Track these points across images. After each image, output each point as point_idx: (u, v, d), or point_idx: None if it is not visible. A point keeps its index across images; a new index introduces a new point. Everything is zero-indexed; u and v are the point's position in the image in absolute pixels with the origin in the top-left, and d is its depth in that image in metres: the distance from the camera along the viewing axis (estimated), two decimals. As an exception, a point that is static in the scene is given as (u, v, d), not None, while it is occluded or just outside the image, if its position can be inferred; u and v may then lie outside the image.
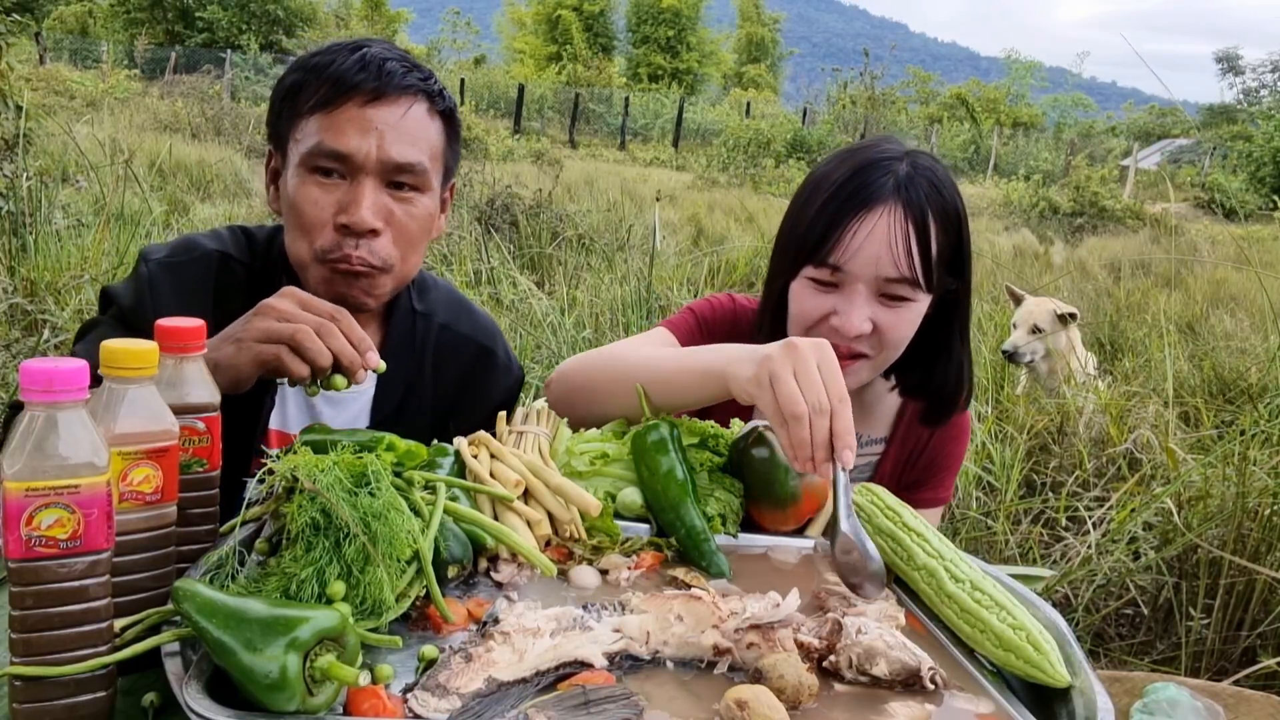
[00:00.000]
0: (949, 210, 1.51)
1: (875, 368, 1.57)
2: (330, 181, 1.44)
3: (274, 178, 1.55)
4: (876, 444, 1.75)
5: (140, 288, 1.50)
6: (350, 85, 1.43)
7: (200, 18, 36.18)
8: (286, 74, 1.52)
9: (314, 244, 1.45)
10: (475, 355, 1.71)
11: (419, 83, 1.48)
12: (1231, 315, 7.05)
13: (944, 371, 1.63)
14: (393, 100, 1.45)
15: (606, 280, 5.96)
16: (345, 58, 1.45)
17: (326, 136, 1.43)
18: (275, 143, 1.54)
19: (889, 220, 1.46)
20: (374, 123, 1.43)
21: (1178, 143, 36.45)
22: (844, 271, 1.49)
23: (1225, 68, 45.58)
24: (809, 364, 1.16)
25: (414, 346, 1.65)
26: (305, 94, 1.46)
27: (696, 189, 15.23)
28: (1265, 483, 2.74)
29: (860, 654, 0.98)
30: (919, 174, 1.50)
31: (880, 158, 1.52)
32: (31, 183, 4.99)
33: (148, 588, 0.97)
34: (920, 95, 44.62)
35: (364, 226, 1.43)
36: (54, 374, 0.83)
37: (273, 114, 1.53)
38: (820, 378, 1.15)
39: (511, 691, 0.89)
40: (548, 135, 29.44)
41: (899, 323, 1.51)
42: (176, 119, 14.75)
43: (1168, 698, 1.06)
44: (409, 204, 1.48)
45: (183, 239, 1.59)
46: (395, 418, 1.63)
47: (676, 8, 50.63)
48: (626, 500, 1.30)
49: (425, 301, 1.68)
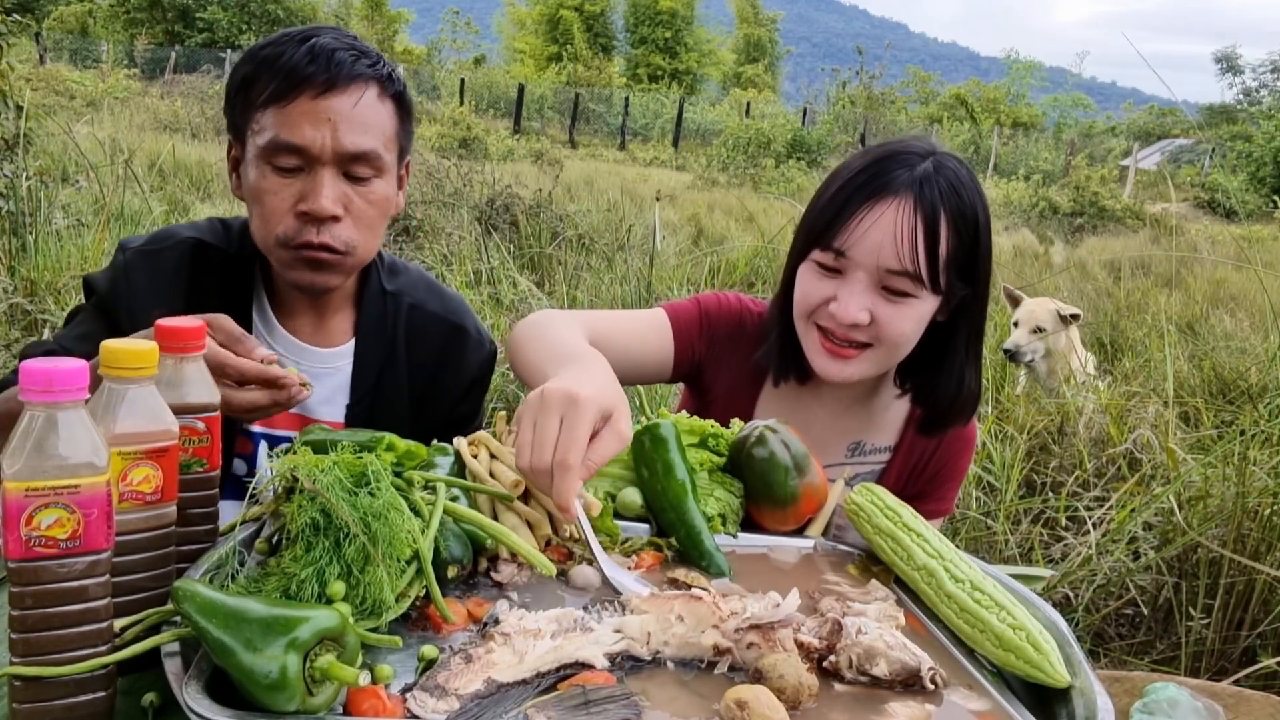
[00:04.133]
0: (966, 213, 1.48)
1: (876, 363, 1.54)
2: (288, 171, 1.48)
3: (235, 165, 1.60)
4: (881, 452, 1.72)
5: (116, 275, 1.57)
6: (302, 78, 1.46)
7: (200, 18, 36.19)
8: (239, 65, 1.55)
9: (275, 230, 1.50)
10: (447, 333, 1.75)
11: (368, 70, 1.51)
12: (1231, 315, 7.05)
13: (945, 381, 1.60)
14: (344, 90, 1.48)
15: (606, 280, 5.96)
16: (295, 49, 1.48)
17: (282, 130, 1.46)
18: (233, 133, 1.57)
19: (897, 212, 1.46)
20: (326, 114, 1.47)
21: (1178, 143, 36.45)
22: (847, 257, 1.49)
23: (1224, 68, 45.59)
24: (549, 420, 1.07)
25: (386, 326, 1.70)
26: (258, 87, 1.49)
27: (696, 189, 15.23)
28: (1265, 483, 2.74)
29: (860, 654, 0.98)
30: (940, 174, 1.48)
31: (904, 151, 1.51)
32: (31, 183, 4.99)
33: (148, 588, 0.97)
34: (920, 95, 44.62)
35: (324, 214, 1.48)
36: (54, 374, 0.83)
37: (228, 105, 1.57)
38: (555, 435, 1.07)
39: (511, 693, 0.89)
40: (548, 135, 29.45)
41: (897, 318, 1.49)
42: (176, 119, 14.76)
43: (1168, 698, 1.06)
44: (366, 189, 1.52)
45: (162, 229, 1.66)
46: (374, 395, 1.68)
47: (673, 9, 50.64)
48: (626, 500, 1.30)
49: (395, 282, 1.73)
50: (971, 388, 1.62)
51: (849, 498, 1.30)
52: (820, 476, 1.37)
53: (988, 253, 1.53)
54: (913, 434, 1.71)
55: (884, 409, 1.71)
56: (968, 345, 1.60)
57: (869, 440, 1.71)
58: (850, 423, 1.70)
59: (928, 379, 1.62)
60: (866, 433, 1.70)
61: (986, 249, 1.53)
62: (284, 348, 1.64)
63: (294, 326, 1.66)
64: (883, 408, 1.71)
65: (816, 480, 1.35)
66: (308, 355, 1.65)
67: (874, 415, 1.71)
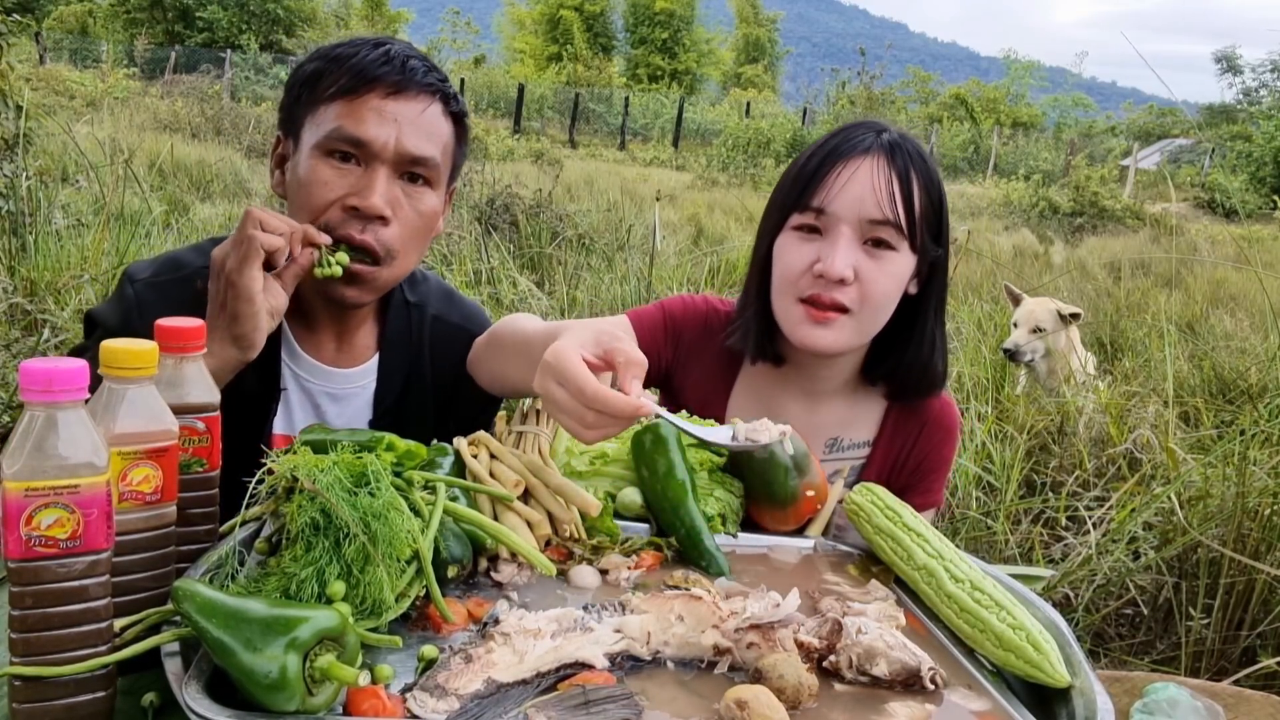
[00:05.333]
0: (932, 177, 1.56)
1: (857, 328, 1.54)
2: (345, 166, 1.47)
3: (280, 162, 1.58)
4: (860, 447, 1.71)
5: (127, 308, 1.50)
6: (374, 76, 1.46)
7: (200, 17, 36.17)
8: (305, 62, 1.54)
9: (317, 220, 1.46)
10: (469, 344, 1.73)
11: (438, 83, 1.52)
12: (1231, 315, 7.05)
13: (915, 349, 1.62)
14: (413, 96, 1.48)
15: (606, 280, 5.96)
16: (369, 51, 1.49)
17: (346, 122, 1.45)
18: (287, 128, 1.56)
19: (872, 165, 1.51)
20: (394, 114, 1.46)
21: (1178, 143, 36.43)
22: (828, 214, 1.51)
23: (1224, 68, 45.59)
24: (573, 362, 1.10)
25: (410, 338, 1.69)
26: (326, 81, 1.48)
27: (696, 189, 15.23)
28: (1265, 483, 2.74)
29: (860, 654, 0.98)
30: (905, 141, 1.57)
31: (866, 122, 1.60)
32: (31, 183, 4.99)
33: (148, 588, 0.97)
34: (920, 95, 44.60)
35: (375, 211, 1.45)
36: (54, 374, 0.83)
37: (289, 98, 1.55)
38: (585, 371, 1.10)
39: (511, 693, 0.89)
40: (548, 135, 29.43)
41: (881, 275, 1.51)
42: (176, 119, 14.75)
43: (1168, 698, 1.06)
44: (418, 197, 1.52)
45: (166, 257, 1.60)
46: (397, 410, 1.65)
47: (673, 9, 50.64)
48: (626, 500, 1.30)
49: (416, 293, 1.72)
50: (940, 355, 1.65)
51: (849, 498, 1.31)
52: (820, 476, 1.37)
53: (948, 223, 1.61)
54: (891, 427, 1.71)
55: (859, 403, 1.71)
56: (936, 313, 1.64)
57: (846, 436, 1.71)
58: (827, 418, 1.69)
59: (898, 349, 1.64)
60: (843, 428, 1.70)
61: (947, 219, 1.61)
62: (308, 373, 1.61)
63: (317, 347, 1.62)
64: (858, 402, 1.71)
65: (816, 480, 1.35)
66: (333, 379, 1.62)
67: (850, 410, 1.71)
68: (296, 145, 1.52)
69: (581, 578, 1.15)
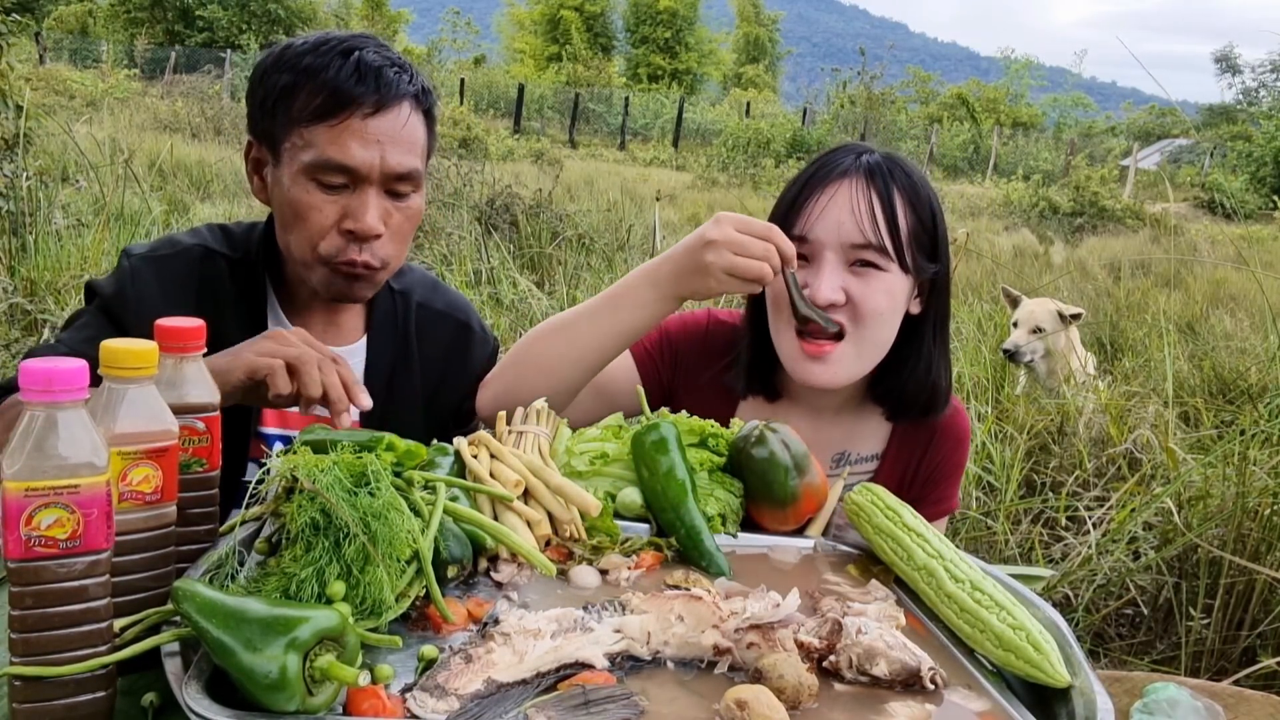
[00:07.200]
0: (919, 192, 1.54)
1: (858, 351, 1.53)
2: (334, 191, 1.49)
3: (256, 167, 1.58)
4: (868, 460, 1.69)
5: (122, 279, 1.55)
6: (351, 98, 1.46)
7: (200, 17, 36.18)
8: (275, 70, 1.51)
9: (317, 247, 1.51)
10: (454, 330, 1.78)
11: (408, 86, 1.53)
12: (1231, 315, 7.05)
13: (913, 366, 1.60)
14: (392, 110, 1.49)
15: (606, 280, 5.96)
16: (340, 63, 1.47)
17: (331, 150, 1.46)
18: (262, 137, 1.55)
19: (851, 189, 1.51)
20: (376, 135, 1.48)
21: (1177, 143, 36.44)
22: (809, 241, 1.51)
23: (1223, 68, 45.58)
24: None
25: (396, 325, 1.72)
26: (301, 99, 1.47)
27: (696, 189, 15.24)
28: (1265, 483, 2.74)
29: (860, 654, 0.98)
30: (887, 160, 1.56)
31: (847, 146, 1.60)
32: (31, 182, 4.99)
33: (148, 588, 0.97)
34: (920, 95, 44.60)
35: (371, 233, 1.50)
36: (53, 374, 0.83)
37: (258, 106, 1.54)
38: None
39: (511, 693, 0.89)
40: (548, 135, 29.44)
41: (871, 292, 1.50)
42: (176, 119, 14.76)
43: (1168, 698, 1.06)
44: (405, 204, 1.55)
45: (163, 237, 1.65)
46: (386, 395, 1.67)
47: (673, 9, 50.64)
48: (626, 500, 1.30)
49: (401, 281, 1.75)
50: (941, 374, 1.62)
51: (849, 498, 1.30)
52: (820, 476, 1.37)
53: (945, 240, 1.59)
54: (900, 439, 1.68)
55: (865, 418, 1.68)
56: (935, 332, 1.62)
57: (853, 450, 1.68)
58: (833, 433, 1.67)
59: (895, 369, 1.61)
60: (850, 442, 1.68)
61: (945, 235, 1.58)
62: None
63: (305, 325, 1.64)
64: (864, 416, 1.68)
65: (816, 480, 1.35)
66: None
67: (856, 424, 1.68)
68: (276, 159, 1.52)
69: (581, 578, 1.15)
